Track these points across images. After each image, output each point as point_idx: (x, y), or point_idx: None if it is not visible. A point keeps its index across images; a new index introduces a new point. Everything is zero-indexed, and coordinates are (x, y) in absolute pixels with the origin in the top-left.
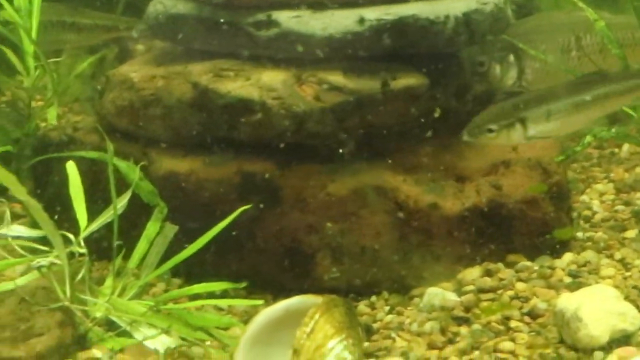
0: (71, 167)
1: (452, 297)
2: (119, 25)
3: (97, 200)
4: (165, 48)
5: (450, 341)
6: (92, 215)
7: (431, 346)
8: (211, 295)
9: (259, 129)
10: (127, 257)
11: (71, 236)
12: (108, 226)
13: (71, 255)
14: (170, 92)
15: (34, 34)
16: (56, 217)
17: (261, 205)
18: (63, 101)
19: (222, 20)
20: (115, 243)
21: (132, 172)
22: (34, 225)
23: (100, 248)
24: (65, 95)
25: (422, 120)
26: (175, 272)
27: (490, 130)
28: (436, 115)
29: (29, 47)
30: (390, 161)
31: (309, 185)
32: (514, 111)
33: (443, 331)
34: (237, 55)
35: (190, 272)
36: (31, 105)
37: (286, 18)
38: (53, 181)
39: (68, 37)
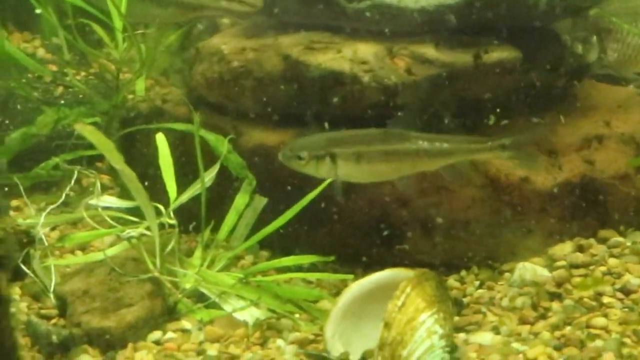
0: (161, 139)
1: (543, 273)
2: (208, 3)
3: (186, 173)
4: (255, 20)
5: (542, 316)
6: (181, 187)
7: (522, 321)
8: (299, 268)
9: (350, 102)
10: (214, 230)
11: (161, 207)
12: (196, 199)
13: (160, 226)
14: (260, 65)
15: (122, 8)
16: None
17: None
18: (151, 74)
19: None
20: (204, 215)
21: (221, 144)
22: (122, 196)
23: (188, 220)
24: (153, 67)
25: (515, 94)
26: (263, 244)
27: (300, 158)
28: (529, 89)
29: (117, 21)
30: (481, 134)
31: None
32: (327, 145)
33: (534, 306)
34: (328, 27)
35: (278, 245)
36: (119, 77)
37: None
38: (141, 153)
39: (156, 12)
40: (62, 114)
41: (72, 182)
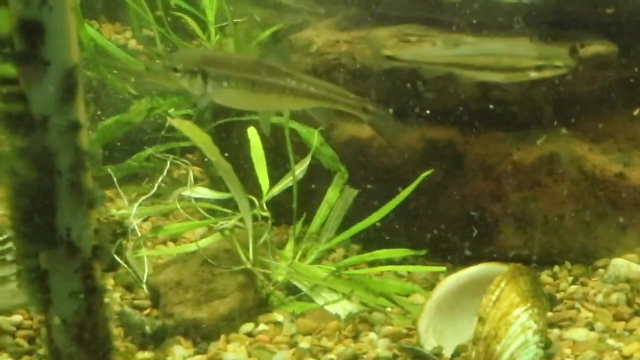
0: (252, 132)
1: (638, 269)
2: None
3: (277, 166)
4: (348, 13)
5: (637, 313)
6: (272, 180)
7: (617, 318)
8: (390, 261)
9: (444, 95)
10: (305, 223)
11: (254, 199)
12: (287, 191)
13: (253, 218)
14: (353, 57)
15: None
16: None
17: (444, 172)
18: None
19: None
20: (295, 208)
21: (313, 136)
22: (212, 187)
23: (279, 213)
24: None
25: (611, 88)
26: (353, 237)
27: (176, 70)
28: (625, 83)
29: (211, 15)
30: (576, 129)
31: (494, 152)
32: (201, 62)
33: (629, 303)
34: (422, 20)
35: (368, 238)
36: None
37: None
38: (232, 145)
39: (253, 11)
40: (156, 103)
41: (164, 173)
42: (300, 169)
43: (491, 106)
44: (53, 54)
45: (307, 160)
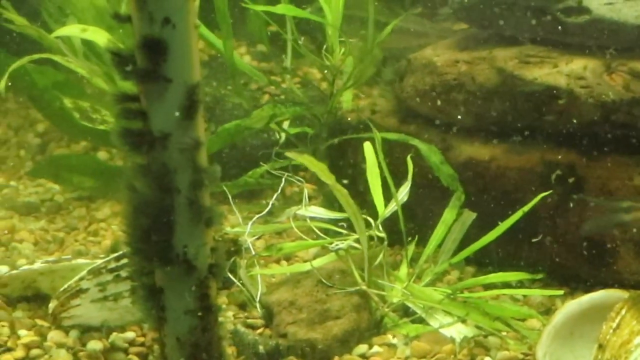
0: (368, 149)
1: None
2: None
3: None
4: (468, 33)
5: None
6: (386, 200)
7: None
8: (506, 285)
9: (565, 118)
10: (418, 243)
11: (370, 220)
12: (403, 211)
13: (368, 239)
14: (473, 78)
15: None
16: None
17: (564, 195)
18: (357, 84)
19: (531, 5)
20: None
21: (434, 154)
22: (326, 205)
23: (392, 233)
24: (361, 78)
25: None
26: (467, 259)
27: None
28: None
29: (333, 31)
30: None
31: (615, 176)
32: None
33: None
34: (543, 41)
35: (483, 260)
36: (334, 86)
37: (597, 5)
38: (347, 164)
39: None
40: (278, 111)
41: (279, 190)
42: (405, 190)
43: (613, 129)
44: (175, 72)
45: (409, 182)
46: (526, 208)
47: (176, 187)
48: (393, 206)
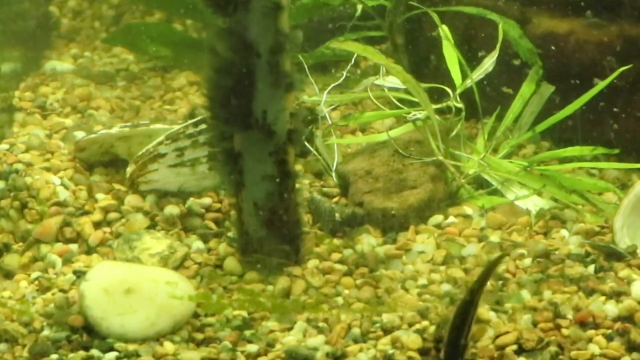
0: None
1: None
2: None
3: (469, 59)
4: None
5: None
6: (464, 74)
7: None
8: (581, 159)
9: None
10: (496, 118)
11: (449, 90)
12: (479, 85)
13: (446, 109)
14: None
15: None
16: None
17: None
18: None
19: None
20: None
21: (512, 28)
22: None
23: (470, 107)
24: None
25: None
26: (544, 135)
27: None
28: None
29: None
30: None
31: None
32: None
33: None
34: None
35: (559, 135)
36: None
37: None
38: (424, 37)
39: None
40: None
41: (352, 61)
42: (490, 61)
43: None
44: None
45: (495, 53)
46: (604, 82)
47: (257, 50)
48: (474, 78)
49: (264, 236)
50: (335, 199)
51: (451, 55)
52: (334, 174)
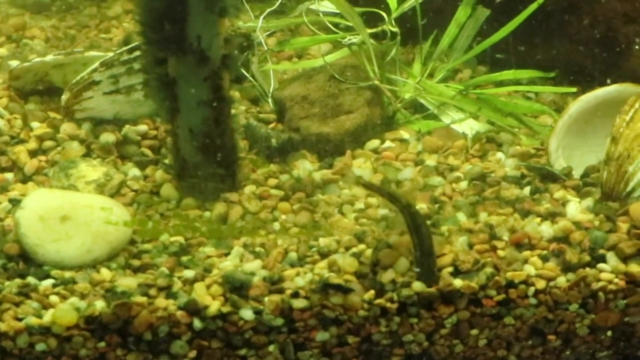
0: None
1: None
2: None
3: None
4: None
5: None
6: None
7: None
8: (518, 82)
9: None
10: (432, 43)
11: (384, 14)
12: (414, 9)
13: (382, 35)
14: None
15: None
16: None
17: None
18: None
19: None
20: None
21: None
22: None
23: (407, 32)
24: None
25: None
26: (480, 59)
27: None
28: None
29: None
30: None
31: None
32: None
33: None
34: None
35: (495, 60)
36: None
37: None
38: None
39: None
40: None
41: None
42: None
43: None
44: None
45: None
46: (531, 8)
47: None
48: (408, 3)
49: (199, 162)
50: (271, 125)
51: None
52: (270, 100)
